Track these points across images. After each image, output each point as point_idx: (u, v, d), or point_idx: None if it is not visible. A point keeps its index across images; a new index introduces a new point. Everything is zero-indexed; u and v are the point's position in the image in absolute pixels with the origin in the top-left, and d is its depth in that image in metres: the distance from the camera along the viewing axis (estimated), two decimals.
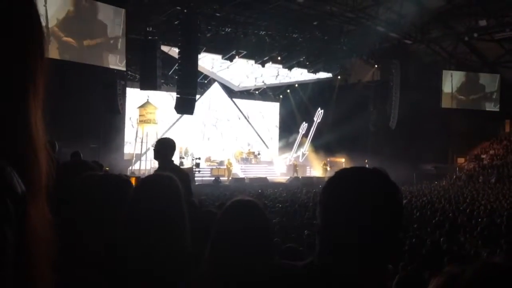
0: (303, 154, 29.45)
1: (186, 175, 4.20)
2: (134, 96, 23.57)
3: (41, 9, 15.28)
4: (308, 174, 27.40)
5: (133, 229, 1.59)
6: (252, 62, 25.69)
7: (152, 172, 3.79)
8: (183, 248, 1.64)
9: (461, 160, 28.49)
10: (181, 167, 21.79)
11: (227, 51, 23.95)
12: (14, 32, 0.61)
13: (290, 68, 27.30)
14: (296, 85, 30.36)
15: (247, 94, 30.31)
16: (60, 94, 15.09)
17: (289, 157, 29.57)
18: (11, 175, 0.59)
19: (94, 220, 1.63)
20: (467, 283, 0.71)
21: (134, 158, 22.90)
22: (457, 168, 27.83)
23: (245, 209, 1.53)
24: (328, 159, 27.39)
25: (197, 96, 20.62)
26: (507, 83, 28.07)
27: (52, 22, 16.34)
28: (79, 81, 18.55)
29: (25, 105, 0.63)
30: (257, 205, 1.57)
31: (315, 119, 29.87)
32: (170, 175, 1.83)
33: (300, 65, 27.40)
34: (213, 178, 21.96)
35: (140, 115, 22.90)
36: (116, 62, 19.15)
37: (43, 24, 0.68)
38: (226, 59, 24.53)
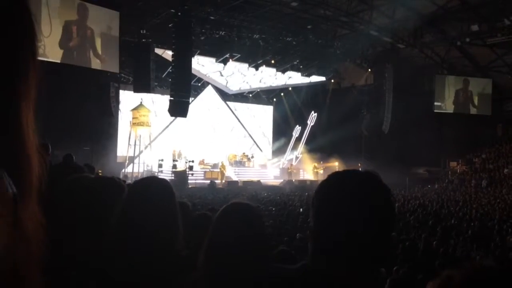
0: (297, 158, 29.46)
1: None
2: (127, 99, 23.49)
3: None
4: (301, 178, 27.41)
5: (125, 232, 1.58)
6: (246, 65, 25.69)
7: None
8: (176, 252, 1.63)
9: (453, 164, 28.65)
10: (174, 170, 22.03)
11: (221, 54, 23.96)
12: (5, 30, 0.60)
13: (283, 72, 27.35)
14: (290, 89, 30.42)
15: (240, 97, 30.28)
16: (53, 96, 15.01)
17: (283, 160, 29.58)
18: (1, 176, 0.59)
19: (85, 222, 1.62)
20: (459, 286, 0.71)
21: (127, 161, 22.79)
22: (450, 172, 27.99)
23: (241, 212, 1.51)
24: (321, 162, 27.42)
25: (191, 99, 20.58)
26: (498, 87, 28.32)
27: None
28: (72, 83, 18.44)
29: (16, 105, 0.62)
30: (253, 208, 1.56)
31: (308, 122, 29.91)
32: (163, 179, 1.82)
33: (294, 68, 27.46)
34: (208, 181, 21.90)
35: (133, 118, 22.79)
36: (109, 65, 19.08)
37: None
38: (219, 62, 24.52)
